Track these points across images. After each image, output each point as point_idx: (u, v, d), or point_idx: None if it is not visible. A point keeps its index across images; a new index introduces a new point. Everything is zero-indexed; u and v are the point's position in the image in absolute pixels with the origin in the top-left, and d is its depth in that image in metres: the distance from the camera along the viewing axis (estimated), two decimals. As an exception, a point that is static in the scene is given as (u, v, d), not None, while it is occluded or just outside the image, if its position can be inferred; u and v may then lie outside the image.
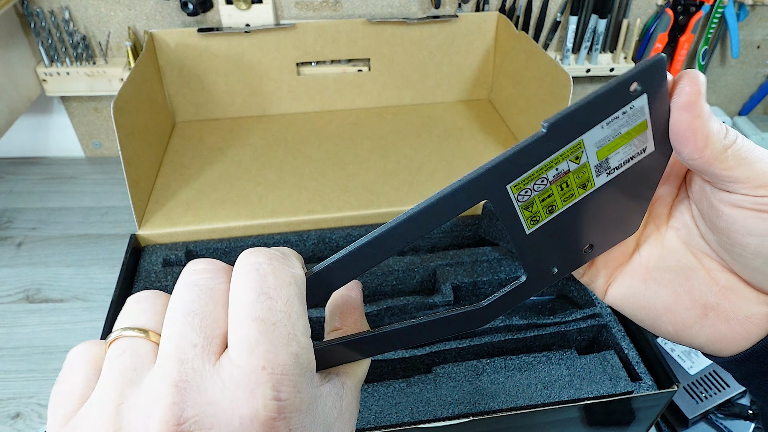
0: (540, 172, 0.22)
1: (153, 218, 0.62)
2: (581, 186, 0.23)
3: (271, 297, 0.19)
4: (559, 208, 0.23)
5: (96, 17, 0.75)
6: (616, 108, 0.21)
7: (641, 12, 0.81)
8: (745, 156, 0.21)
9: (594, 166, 0.22)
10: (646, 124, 0.22)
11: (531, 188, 0.22)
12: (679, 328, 0.25)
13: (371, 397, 0.46)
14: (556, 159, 0.21)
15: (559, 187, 0.23)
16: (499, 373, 0.47)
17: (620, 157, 0.23)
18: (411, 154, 0.73)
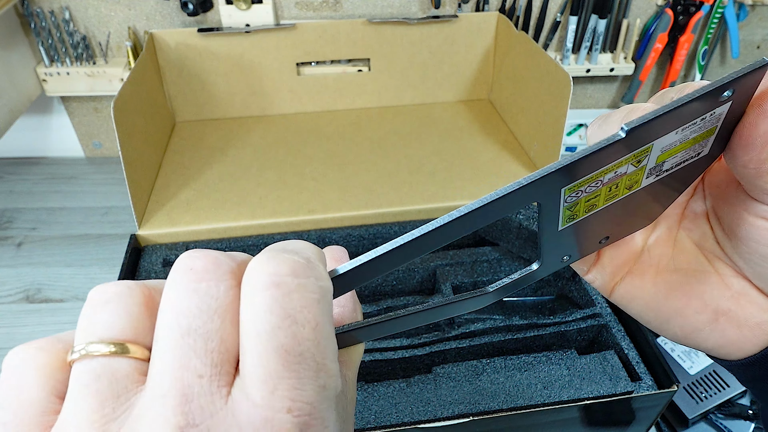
0: (599, 175, 0.20)
1: (153, 218, 0.62)
2: (628, 187, 0.22)
3: (297, 322, 0.15)
4: (598, 207, 0.22)
5: (96, 17, 0.75)
6: (698, 114, 0.19)
7: (641, 12, 0.81)
8: None
9: (648, 170, 0.21)
10: (715, 130, 0.21)
11: (583, 190, 0.21)
12: (688, 331, 0.25)
13: (371, 397, 0.46)
14: (619, 163, 0.20)
15: (609, 188, 0.21)
16: (499, 373, 0.47)
17: (675, 161, 0.22)
18: (411, 154, 0.73)
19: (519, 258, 0.57)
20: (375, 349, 0.48)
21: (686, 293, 0.25)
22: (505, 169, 0.70)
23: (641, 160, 0.21)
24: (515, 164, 0.71)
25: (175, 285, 0.15)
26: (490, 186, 0.66)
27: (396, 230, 0.62)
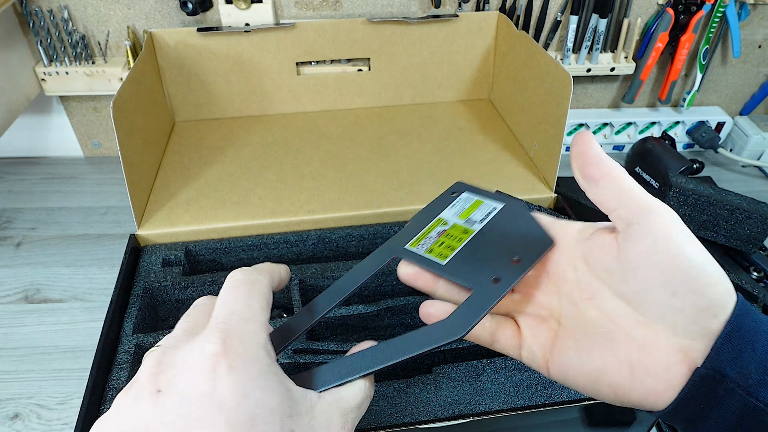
0: (424, 235, 0.35)
1: (152, 218, 0.62)
2: (464, 232, 0.34)
3: (236, 287, 0.28)
4: (457, 246, 0.33)
5: (95, 16, 0.75)
6: (451, 201, 0.37)
7: (642, 11, 0.81)
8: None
9: (463, 223, 0.35)
10: (481, 200, 0.36)
11: (425, 242, 0.34)
12: (614, 389, 0.27)
13: (371, 397, 0.45)
14: (430, 228, 0.35)
15: (446, 237, 0.34)
16: (499, 373, 0.47)
17: (479, 214, 0.35)
18: (411, 154, 0.73)
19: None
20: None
21: (602, 353, 0.28)
22: (505, 169, 0.70)
23: (446, 222, 0.36)
24: (515, 164, 0.71)
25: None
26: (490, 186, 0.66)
27: (396, 230, 0.61)
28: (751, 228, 0.61)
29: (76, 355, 0.59)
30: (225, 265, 0.61)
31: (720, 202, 0.61)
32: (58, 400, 0.55)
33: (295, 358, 0.46)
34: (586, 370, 0.28)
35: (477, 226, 0.34)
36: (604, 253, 0.28)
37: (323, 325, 0.54)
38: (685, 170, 0.74)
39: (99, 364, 0.46)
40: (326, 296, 0.33)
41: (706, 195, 0.61)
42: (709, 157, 0.90)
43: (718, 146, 0.88)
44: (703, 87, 0.91)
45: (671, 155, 0.76)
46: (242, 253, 0.61)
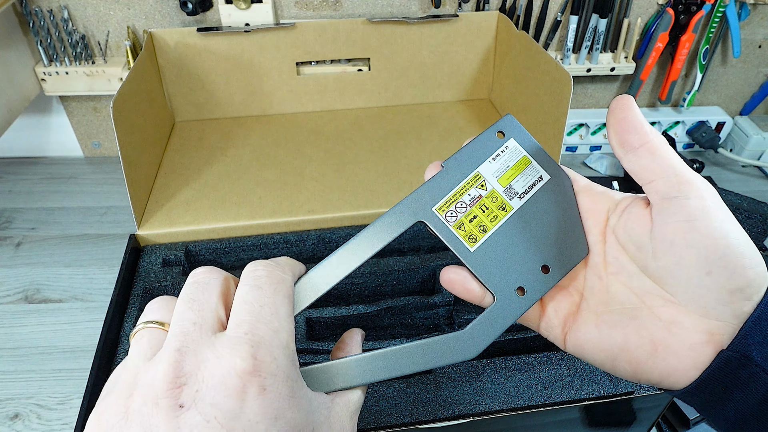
0: (456, 196, 0.29)
1: (152, 218, 0.62)
2: (501, 208, 0.29)
3: (260, 287, 0.25)
4: (490, 228, 0.29)
5: (95, 16, 0.75)
6: (494, 149, 0.30)
7: (642, 11, 0.81)
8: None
9: (502, 192, 0.29)
10: (529, 159, 0.30)
11: (454, 209, 0.29)
12: (634, 366, 0.27)
13: (371, 397, 0.45)
14: (463, 187, 0.29)
15: (480, 209, 0.29)
16: (499, 373, 0.47)
17: (521, 184, 0.30)
18: (411, 154, 0.73)
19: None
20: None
21: (624, 330, 0.27)
22: (506, 168, 0.70)
23: (483, 184, 0.29)
24: (515, 164, 0.71)
25: (185, 284, 0.25)
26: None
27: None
28: (751, 228, 0.61)
29: (76, 355, 0.59)
30: (225, 265, 0.61)
31: (720, 202, 0.61)
32: (58, 400, 0.55)
33: (295, 358, 0.46)
34: (606, 345, 0.27)
35: (516, 202, 0.29)
36: (636, 226, 0.27)
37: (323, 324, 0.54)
38: (685, 170, 0.74)
39: (99, 364, 0.46)
40: (342, 258, 0.28)
41: (706, 195, 0.61)
42: (709, 157, 0.90)
43: (718, 146, 0.88)
44: (703, 87, 0.91)
45: (671, 155, 0.76)
46: (242, 253, 0.61)
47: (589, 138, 0.88)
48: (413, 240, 0.62)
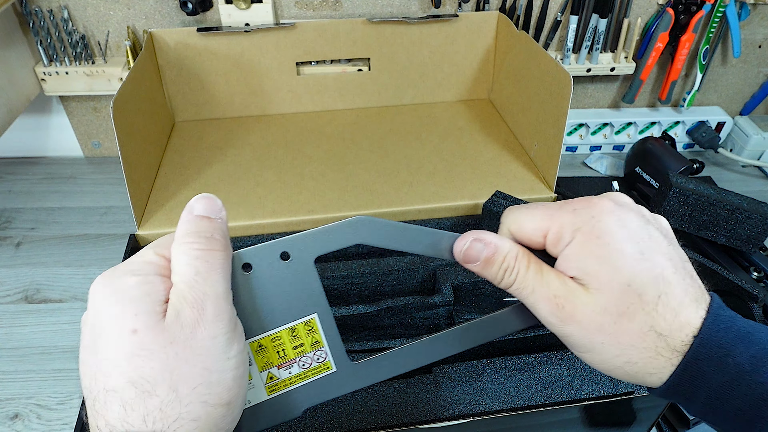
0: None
1: (152, 218, 0.62)
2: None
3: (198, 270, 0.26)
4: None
5: (95, 16, 0.75)
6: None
7: (642, 11, 0.81)
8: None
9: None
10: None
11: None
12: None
13: (371, 397, 0.45)
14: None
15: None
16: (499, 373, 0.47)
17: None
18: (411, 154, 0.73)
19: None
20: (375, 349, 0.48)
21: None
22: (505, 169, 0.70)
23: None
24: (515, 164, 0.71)
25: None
26: (490, 186, 0.66)
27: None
28: (751, 228, 0.61)
29: (76, 355, 0.59)
30: (225, 265, 0.61)
31: (720, 202, 0.61)
32: (58, 400, 0.55)
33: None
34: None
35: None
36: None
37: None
38: (685, 170, 0.74)
39: (99, 364, 0.46)
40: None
41: (706, 195, 0.61)
42: (709, 157, 0.90)
43: (718, 146, 0.88)
44: (703, 87, 0.91)
45: (671, 155, 0.76)
46: (242, 253, 0.61)
47: (589, 138, 0.88)
48: (413, 240, 0.62)
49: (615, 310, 0.25)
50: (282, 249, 0.27)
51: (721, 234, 0.63)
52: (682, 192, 0.62)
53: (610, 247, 0.26)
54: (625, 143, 0.90)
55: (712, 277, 0.57)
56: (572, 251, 0.27)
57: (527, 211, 0.29)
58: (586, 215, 0.27)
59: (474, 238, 0.29)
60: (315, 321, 0.29)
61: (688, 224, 0.63)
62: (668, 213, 0.63)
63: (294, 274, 0.28)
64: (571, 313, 0.26)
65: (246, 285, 0.28)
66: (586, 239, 0.26)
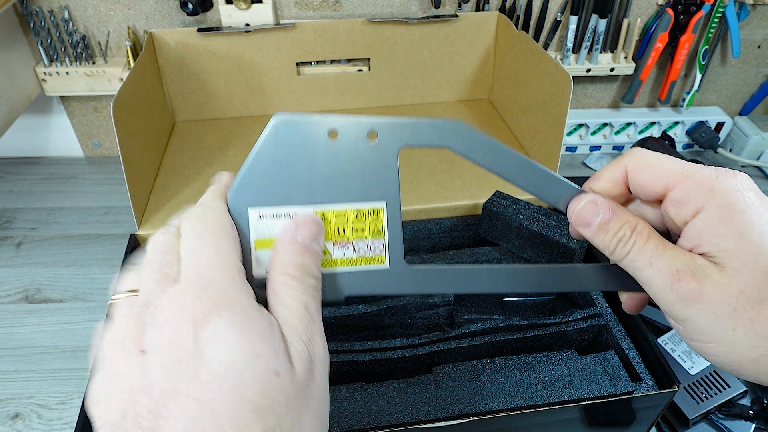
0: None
1: (153, 218, 0.62)
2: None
3: (199, 236, 0.25)
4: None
5: (95, 17, 0.75)
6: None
7: (642, 12, 0.81)
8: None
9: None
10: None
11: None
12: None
13: (371, 397, 0.46)
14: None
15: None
16: (499, 373, 0.47)
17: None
18: (411, 154, 0.73)
19: (519, 258, 0.57)
20: (375, 349, 0.48)
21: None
22: (506, 168, 0.70)
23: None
24: (515, 164, 0.71)
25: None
26: (490, 186, 0.66)
27: (396, 230, 0.61)
28: (750, 228, 0.61)
29: (76, 355, 0.59)
30: (225, 265, 0.61)
31: (719, 202, 0.61)
32: (59, 399, 0.55)
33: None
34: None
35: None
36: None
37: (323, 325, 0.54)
38: (685, 170, 0.74)
39: (99, 364, 0.46)
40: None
41: (706, 195, 0.61)
42: (709, 157, 0.90)
43: (718, 146, 0.88)
44: (703, 87, 0.91)
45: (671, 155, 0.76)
46: (242, 253, 0.61)
47: (589, 138, 0.88)
48: (413, 240, 0.62)
49: (756, 295, 0.22)
50: (371, 128, 0.26)
51: (721, 234, 0.63)
52: (681, 192, 0.62)
53: (756, 225, 0.23)
54: (625, 143, 0.90)
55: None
56: (707, 224, 0.23)
57: (656, 156, 0.26)
58: (730, 185, 0.23)
59: (591, 199, 0.26)
60: (382, 210, 0.28)
61: (688, 224, 0.63)
62: (668, 213, 0.63)
63: (376, 156, 0.27)
64: (697, 291, 0.23)
65: (326, 152, 0.26)
66: (727, 212, 0.23)
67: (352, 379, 0.48)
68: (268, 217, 0.27)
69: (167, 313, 0.22)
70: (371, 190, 0.27)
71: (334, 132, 0.26)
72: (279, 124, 0.26)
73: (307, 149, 0.26)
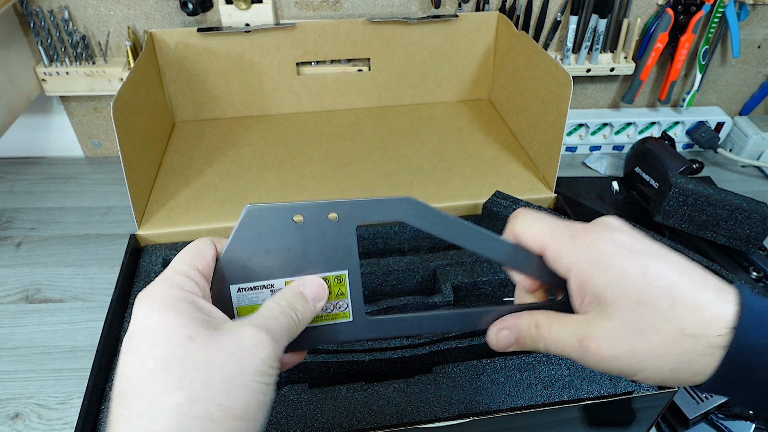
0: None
1: (153, 218, 0.62)
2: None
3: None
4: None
5: (95, 17, 0.75)
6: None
7: (642, 12, 0.81)
8: None
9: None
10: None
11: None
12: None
13: (371, 397, 0.46)
14: None
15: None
16: (499, 373, 0.47)
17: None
18: (411, 154, 0.73)
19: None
20: (375, 349, 0.48)
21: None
22: (505, 169, 0.70)
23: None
24: (515, 164, 0.71)
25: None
26: (490, 186, 0.66)
27: (396, 230, 0.61)
28: (750, 228, 0.61)
29: (76, 355, 0.59)
30: (225, 265, 0.61)
31: (720, 202, 0.61)
32: (59, 399, 0.55)
33: (295, 358, 0.46)
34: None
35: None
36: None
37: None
38: (685, 170, 0.74)
39: (99, 364, 0.46)
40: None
41: (706, 195, 0.61)
42: (709, 157, 0.90)
43: (718, 146, 0.88)
44: (703, 87, 0.91)
45: (671, 155, 0.76)
46: (242, 253, 0.61)
47: (589, 138, 0.88)
48: (413, 240, 0.62)
49: (635, 328, 0.26)
50: (331, 209, 0.31)
51: (721, 234, 0.63)
52: (681, 192, 0.62)
53: (612, 271, 0.26)
54: (625, 143, 0.90)
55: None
56: (577, 282, 0.28)
57: (534, 219, 0.31)
58: (583, 244, 0.28)
59: (498, 329, 0.31)
60: (345, 276, 0.32)
61: (688, 224, 0.63)
62: (668, 213, 0.63)
63: (337, 233, 0.31)
64: (597, 350, 0.27)
65: (294, 233, 0.30)
66: (588, 268, 0.27)
67: (352, 379, 0.48)
68: (246, 289, 0.31)
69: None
70: (334, 261, 0.32)
71: (299, 216, 0.30)
72: (249, 214, 0.30)
73: (276, 232, 0.30)
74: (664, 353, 0.26)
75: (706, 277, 0.27)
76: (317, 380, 0.48)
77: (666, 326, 0.25)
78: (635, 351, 0.26)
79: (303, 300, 0.30)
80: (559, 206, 0.66)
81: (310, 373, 0.47)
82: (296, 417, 0.45)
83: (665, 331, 0.25)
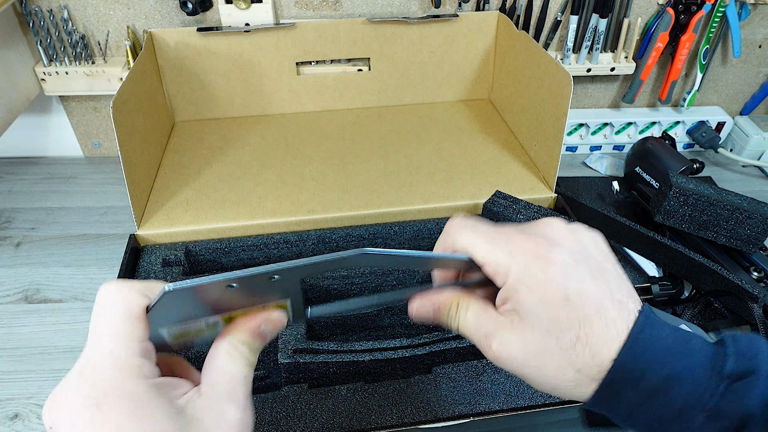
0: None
1: (152, 218, 0.62)
2: None
3: (97, 313, 0.32)
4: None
5: (95, 16, 0.75)
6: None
7: (642, 11, 0.81)
8: None
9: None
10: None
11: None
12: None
13: (371, 397, 0.45)
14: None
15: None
16: (499, 373, 0.47)
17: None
18: (411, 154, 0.73)
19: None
20: (375, 349, 0.48)
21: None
22: (505, 169, 0.70)
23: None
24: (515, 164, 0.71)
25: None
26: (490, 186, 0.66)
27: (396, 230, 0.61)
28: (751, 228, 0.61)
29: (76, 355, 0.59)
30: (225, 265, 0.61)
31: (720, 202, 0.61)
32: (58, 400, 0.55)
33: (295, 357, 0.46)
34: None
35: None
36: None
37: (322, 325, 0.54)
38: (685, 170, 0.74)
39: (99, 364, 0.45)
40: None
41: (707, 195, 0.61)
42: (709, 157, 0.90)
43: (718, 146, 0.88)
44: (704, 87, 0.91)
45: (671, 155, 0.76)
46: (242, 253, 0.61)
47: (589, 138, 0.88)
48: (413, 240, 0.62)
49: (536, 348, 0.28)
50: (270, 276, 0.28)
51: (721, 234, 0.63)
52: (682, 192, 0.62)
53: (537, 294, 0.28)
54: (625, 143, 0.90)
55: (712, 277, 0.57)
56: (506, 291, 0.29)
57: (470, 228, 0.32)
58: (520, 261, 0.29)
59: (420, 301, 0.32)
60: (287, 304, 0.31)
61: (688, 224, 0.63)
62: (668, 213, 0.63)
63: (276, 285, 0.29)
64: (497, 350, 0.29)
65: (227, 293, 0.28)
66: (516, 285, 0.29)
67: (352, 379, 0.48)
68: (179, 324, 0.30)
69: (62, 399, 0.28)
70: (275, 298, 0.30)
71: (231, 285, 0.27)
72: (167, 294, 0.27)
73: (204, 300, 0.28)
74: (552, 376, 0.28)
75: (622, 305, 0.28)
76: (317, 380, 0.48)
77: (561, 358, 0.28)
78: (528, 364, 0.29)
79: (261, 340, 0.30)
80: (559, 206, 0.66)
81: (310, 374, 0.47)
82: (296, 417, 0.45)
83: (559, 361, 0.28)
